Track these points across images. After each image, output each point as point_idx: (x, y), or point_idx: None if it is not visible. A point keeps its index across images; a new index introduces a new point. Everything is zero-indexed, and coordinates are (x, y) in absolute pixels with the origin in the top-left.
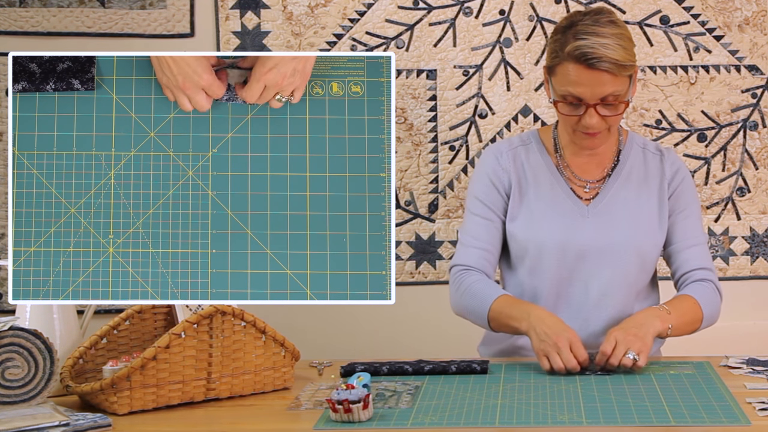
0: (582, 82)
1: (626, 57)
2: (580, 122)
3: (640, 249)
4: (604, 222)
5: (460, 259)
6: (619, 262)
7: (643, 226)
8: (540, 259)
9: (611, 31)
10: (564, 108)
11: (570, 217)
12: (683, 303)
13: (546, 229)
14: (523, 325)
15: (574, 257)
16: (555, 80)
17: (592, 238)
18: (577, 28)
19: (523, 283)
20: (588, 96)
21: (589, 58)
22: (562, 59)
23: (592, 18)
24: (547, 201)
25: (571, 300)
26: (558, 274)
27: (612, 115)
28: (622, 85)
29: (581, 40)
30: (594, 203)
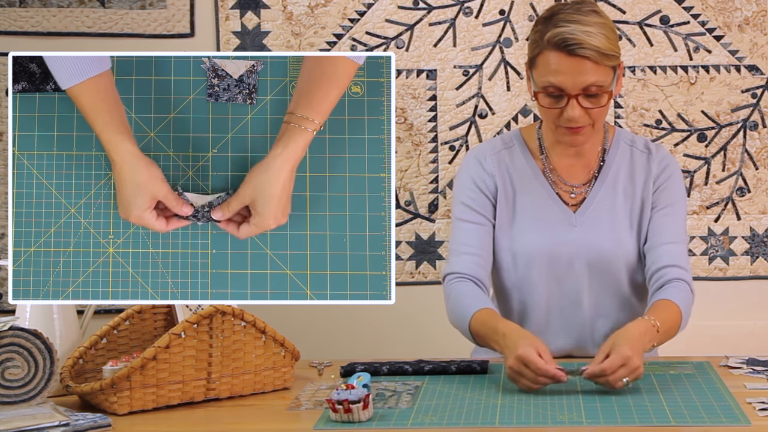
0: (563, 70)
1: (608, 46)
2: (562, 115)
3: (628, 257)
4: (592, 230)
5: (452, 267)
6: (609, 271)
7: (629, 232)
8: (528, 269)
9: (593, 20)
10: (545, 100)
11: (557, 226)
12: (669, 315)
13: (534, 239)
14: (497, 347)
15: (563, 268)
16: (536, 72)
17: (581, 247)
18: (558, 17)
19: (512, 295)
20: (569, 85)
21: (570, 44)
22: (543, 48)
23: (574, 7)
24: (533, 209)
25: (563, 312)
26: (548, 286)
27: (595, 108)
28: (604, 76)
29: (562, 27)
30: (581, 210)
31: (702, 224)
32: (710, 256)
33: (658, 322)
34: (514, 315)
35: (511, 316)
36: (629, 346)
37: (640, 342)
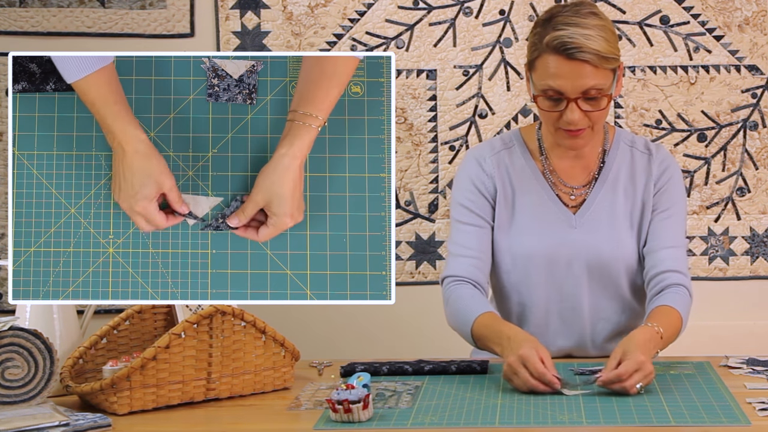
0: (562, 74)
1: (608, 49)
2: (562, 118)
3: (628, 260)
4: (592, 232)
5: (450, 270)
6: (609, 274)
7: (630, 234)
8: (528, 271)
9: (592, 23)
10: (544, 103)
11: (557, 228)
12: (671, 321)
13: (533, 241)
14: (498, 350)
15: (562, 270)
16: (535, 75)
17: (581, 249)
18: (556, 20)
19: (511, 297)
20: (569, 89)
21: (569, 48)
22: (542, 51)
23: (573, 9)
24: (533, 211)
25: (562, 314)
26: (547, 288)
27: (594, 111)
28: (604, 79)
29: (561, 30)
30: (581, 212)
31: (702, 224)
32: (710, 256)
33: (662, 328)
34: (513, 316)
35: (510, 317)
36: (641, 352)
37: (647, 348)
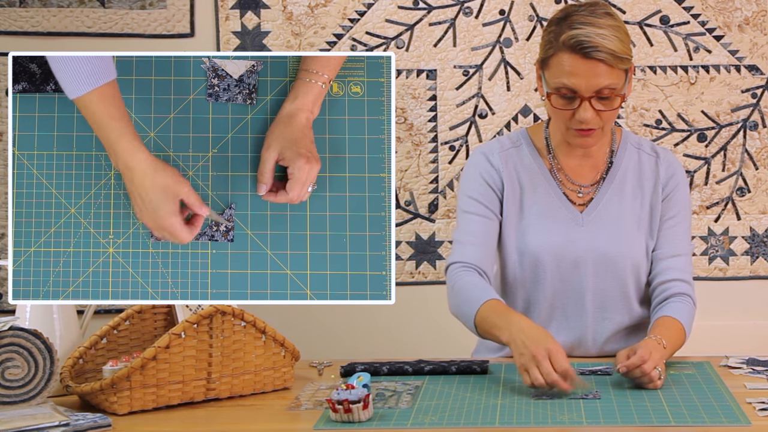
0: (577, 72)
1: (622, 49)
2: (574, 117)
3: (635, 259)
4: (599, 231)
5: (456, 256)
6: (615, 273)
7: (637, 234)
8: (534, 268)
9: (607, 23)
10: (557, 101)
11: (565, 226)
12: (674, 333)
13: (541, 238)
14: (505, 336)
15: (569, 267)
16: (548, 73)
17: (587, 247)
18: (572, 18)
19: (516, 293)
20: (583, 87)
21: (585, 47)
22: (557, 50)
23: (588, 9)
24: (541, 208)
25: (566, 311)
26: (552, 285)
27: (607, 110)
28: (617, 79)
29: (577, 30)
30: (588, 210)
31: (702, 224)
32: (710, 256)
33: (665, 340)
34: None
35: None
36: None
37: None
